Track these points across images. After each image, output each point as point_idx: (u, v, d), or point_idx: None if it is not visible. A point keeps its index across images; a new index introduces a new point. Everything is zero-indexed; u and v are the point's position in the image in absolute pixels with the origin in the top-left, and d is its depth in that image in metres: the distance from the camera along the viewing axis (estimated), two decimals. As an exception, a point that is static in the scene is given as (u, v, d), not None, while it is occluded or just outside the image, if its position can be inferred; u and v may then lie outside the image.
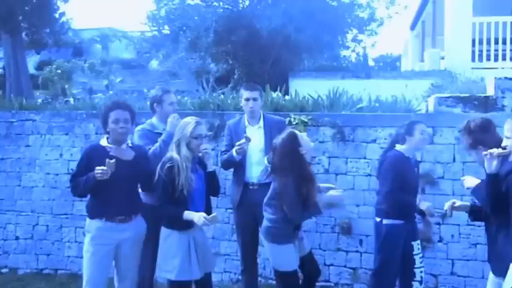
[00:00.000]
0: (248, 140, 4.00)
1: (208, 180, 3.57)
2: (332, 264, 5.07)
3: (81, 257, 5.41)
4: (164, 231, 3.46)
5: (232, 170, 4.36)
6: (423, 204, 3.72)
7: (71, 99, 6.43)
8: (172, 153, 3.45)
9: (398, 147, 3.82)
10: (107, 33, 18.89)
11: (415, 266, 3.73)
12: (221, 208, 5.09)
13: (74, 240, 5.69)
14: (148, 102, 6.17)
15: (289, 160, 3.50)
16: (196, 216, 3.30)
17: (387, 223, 3.73)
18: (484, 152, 2.86)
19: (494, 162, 2.82)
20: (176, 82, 10.99)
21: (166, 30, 12.82)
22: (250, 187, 4.12)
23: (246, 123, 4.26)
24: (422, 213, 3.77)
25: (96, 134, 5.62)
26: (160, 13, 12.57)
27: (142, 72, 13.76)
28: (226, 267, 5.31)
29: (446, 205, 3.29)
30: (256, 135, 4.11)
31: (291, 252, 3.57)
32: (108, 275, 3.58)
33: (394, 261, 3.74)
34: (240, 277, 5.17)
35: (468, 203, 3.35)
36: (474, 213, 3.28)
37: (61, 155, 5.77)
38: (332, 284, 5.03)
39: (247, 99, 4.18)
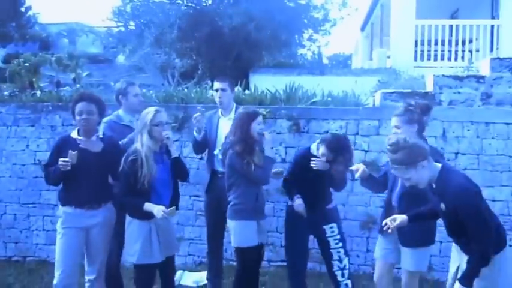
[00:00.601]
0: (202, 112, 4.10)
1: (174, 167, 3.52)
2: (288, 246, 5.15)
3: (49, 244, 5.40)
4: (127, 218, 3.44)
5: (198, 159, 4.46)
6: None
7: (38, 92, 6.20)
8: (137, 144, 3.39)
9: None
10: (74, 27, 18.34)
11: (330, 247, 3.77)
12: (185, 196, 5.08)
13: (41, 229, 5.54)
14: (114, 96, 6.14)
15: (240, 132, 3.60)
16: (156, 209, 3.27)
17: (290, 205, 3.88)
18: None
19: None
20: (142, 76, 10.77)
21: (132, 26, 12.53)
22: (219, 175, 4.12)
23: (220, 114, 4.27)
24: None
25: (62, 125, 5.50)
26: (126, 9, 12.27)
27: (109, 67, 13.40)
28: (190, 250, 5.32)
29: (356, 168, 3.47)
30: (226, 125, 4.08)
31: (252, 229, 3.64)
32: (79, 259, 3.55)
33: (295, 240, 3.83)
34: (203, 259, 5.21)
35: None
36: (366, 180, 3.55)
37: (27, 146, 5.59)
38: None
39: (217, 90, 4.23)
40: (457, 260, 2.96)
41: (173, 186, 3.56)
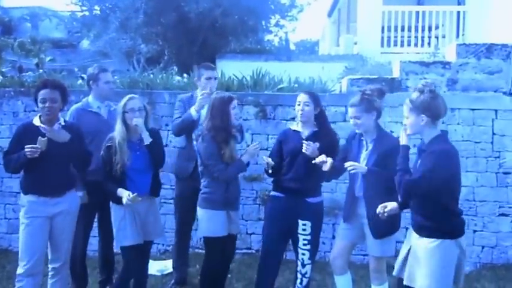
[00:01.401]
0: (208, 94, 3.90)
1: (150, 154, 3.48)
2: (253, 233, 5.08)
3: (11, 233, 5.14)
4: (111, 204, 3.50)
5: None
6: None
7: (0, 77, 5.90)
8: (115, 132, 3.40)
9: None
10: (37, 12, 17.64)
11: (298, 245, 3.52)
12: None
13: (3, 217, 5.32)
14: (79, 81, 5.87)
15: (220, 119, 3.47)
16: (124, 195, 3.31)
17: (271, 194, 3.73)
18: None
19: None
20: (107, 62, 10.44)
21: (96, 10, 12.11)
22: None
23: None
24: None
25: (25, 111, 5.29)
26: (90, -7, 11.82)
27: (73, 52, 13.04)
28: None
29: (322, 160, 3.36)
30: None
31: (220, 219, 3.50)
32: (44, 248, 3.47)
33: (270, 230, 3.60)
34: (167, 248, 5.05)
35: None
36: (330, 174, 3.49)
37: (-13, 132, 5.27)
38: (254, 251, 5.02)
39: (209, 78, 4.09)
40: (409, 242, 2.97)
41: (153, 174, 3.55)
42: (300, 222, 3.49)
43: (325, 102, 4.97)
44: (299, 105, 3.56)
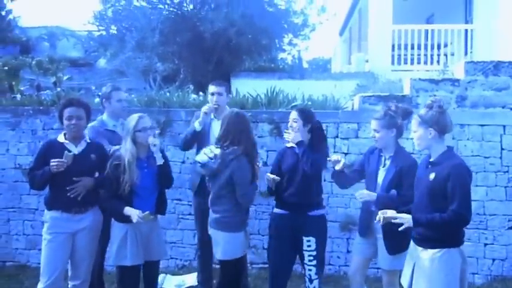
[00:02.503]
0: (211, 108, 4.08)
1: (159, 174, 3.48)
2: (270, 248, 5.13)
3: (30, 249, 5.28)
4: (112, 220, 3.45)
5: (180, 163, 4.34)
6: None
7: (18, 96, 6.07)
8: (122, 150, 3.39)
9: None
10: (54, 31, 18.04)
11: (304, 261, 3.56)
12: (168, 199, 5.00)
13: (21, 233, 5.41)
14: (96, 99, 6.04)
15: (244, 138, 3.42)
16: (133, 214, 3.29)
17: (274, 211, 3.76)
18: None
19: None
20: (124, 80, 10.65)
21: (113, 30, 12.35)
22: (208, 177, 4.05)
23: (213, 116, 4.24)
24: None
25: (43, 129, 5.41)
26: (107, 13, 12.11)
27: (90, 70, 13.26)
28: (172, 254, 5.26)
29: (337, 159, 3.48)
30: (219, 128, 3.96)
31: (239, 240, 3.50)
32: (65, 264, 3.50)
33: (277, 248, 3.63)
34: (185, 263, 5.16)
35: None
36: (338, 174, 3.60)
37: (7, 150, 5.46)
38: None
39: (213, 94, 4.21)
40: (411, 261, 3.04)
41: (158, 191, 3.56)
42: (305, 239, 3.53)
43: (337, 119, 5.13)
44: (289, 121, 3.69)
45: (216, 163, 3.41)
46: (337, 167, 3.48)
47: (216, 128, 4.08)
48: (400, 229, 2.97)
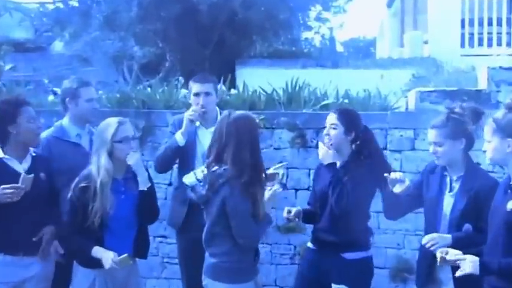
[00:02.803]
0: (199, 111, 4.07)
1: (141, 202, 3.48)
2: (291, 305, 5.12)
3: None
4: (74, 262, 3.46)
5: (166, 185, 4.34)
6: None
7: None
8: (92, 167, 3.36)
9: None
10: (-8, 3, 18.33)
11: None
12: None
13: None
14: (50, 96, 6.09)
15: (243, 153, 3.23)
16: (104, 256, 3.24)
17: (307, 246, 3.85)
18: None
19: None
20: (88, 70, 10.78)
21: (74, 1, 12.57)
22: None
23: (198, 123, 4.19)
24: None
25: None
26: (66, -21, 12.34)
27: (41, 57, 13.38)
28: (155, 312, 5.27)
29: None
30: (208, 140, 3.69)
31: None
32: None
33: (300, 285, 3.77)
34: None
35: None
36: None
37: None
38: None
39: (197, 94, 4.17)
40: None
41: (139, 226, 3.54)
42: (334, 286, 3.54)
43: (386, 124, 5.11)
44: (325, 128, 3.67)
45: (204, 188, 3.32)
46: (397, 190, 3.43)
47: (204, 140, 4.07)
48: (456, 275, 2.93)
